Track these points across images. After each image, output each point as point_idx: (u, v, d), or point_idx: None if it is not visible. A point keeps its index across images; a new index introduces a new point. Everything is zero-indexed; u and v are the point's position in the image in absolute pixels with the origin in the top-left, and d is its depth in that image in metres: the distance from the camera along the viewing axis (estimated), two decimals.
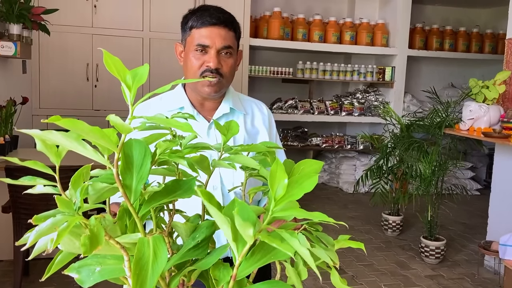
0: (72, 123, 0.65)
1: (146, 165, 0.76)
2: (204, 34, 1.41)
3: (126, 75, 0.75)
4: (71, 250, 0.73)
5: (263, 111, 1.58)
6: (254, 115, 1.56)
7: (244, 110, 1.54)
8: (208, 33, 1.41)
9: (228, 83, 1.48)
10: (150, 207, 0.78)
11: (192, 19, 1.44)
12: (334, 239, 0.95)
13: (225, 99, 1.51)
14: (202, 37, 1.41)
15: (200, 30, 1.41)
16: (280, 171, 0.76)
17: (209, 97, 1.47)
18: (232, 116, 1.50)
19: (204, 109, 1.50)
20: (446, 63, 6.94)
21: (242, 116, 1.52)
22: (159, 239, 0.70)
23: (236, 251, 0.72)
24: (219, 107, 1.49)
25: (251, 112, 1.56)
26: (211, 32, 1.41)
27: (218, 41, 1.40)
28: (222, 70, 1.42)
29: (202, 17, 1.42)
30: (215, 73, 1.40)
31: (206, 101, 1.50)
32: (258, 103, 1.61)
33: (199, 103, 1.49)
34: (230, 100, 1.51)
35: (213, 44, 1.40)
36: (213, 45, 1.40)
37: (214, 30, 1.41)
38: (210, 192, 0.74)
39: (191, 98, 1.49)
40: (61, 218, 0.67)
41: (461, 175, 6.16)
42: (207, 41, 1.40)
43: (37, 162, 0.75)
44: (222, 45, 1.41)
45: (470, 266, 3.86)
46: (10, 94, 3.83)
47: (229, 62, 1.44)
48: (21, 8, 3.64)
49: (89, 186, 0.77)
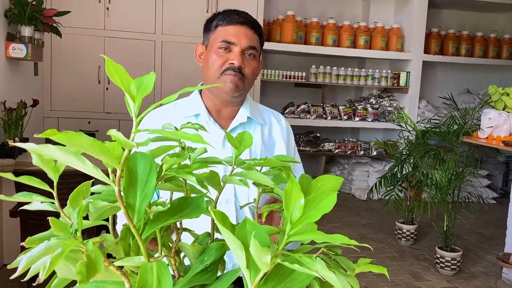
0: (69, 138, 0.59)
1: (151, 181, 0.70)
2: (231, 32, 1.36)
3: (130, 85, 0.69)
4: (67, 276, 0.67)
5: (281, 123, 1.52)
6: (272, 126, 1.49)
7: (262, 120, 1.47)
8: (235, 31, 1.36)
9: (249, 87, 1.40)
10: (154, 228, 0.71)
11: (218, 18, 1.40)
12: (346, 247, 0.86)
13: (243, 106, 1.43)
14: (228, 34, 1.36)
15: (226, 28, 1.37)
16: (296, 190, 0.69)
17: (229, 98, 1.38)
18: (249, 125, 1.43)
19: (221, 116, 1.42)
20: (462, 69, 6.82)
21: (259, 126, 1.45)
22: (163, 265, 0.64)
23: (249, 279, 0.65)
24: (237, 115, 1.42)
25: (269, 122, 1.49)
26: (238, 30, 1.36)
27: (244, 40, 1.35)
28: (245, 70, 1.35)
29: (230, 15, 1.39)
30: (237, 72, 1.34)
31: (224, 108, 1.42)
32: (276, 114, 1.54)
33: (216, 109, 1.41)
34: (248, 108, 1.43)
35: (239, 42, 1.35)
36: (239, 43, 1.35)
37: (241, 29, 1.37)
38: (224, 213, 0.68)
39: (208, 105, 1.41)
40: (55, 243, 0.61)
41: (477, 183, 6.03)
42: (233, 38, 1.35)
43: (32, 178, 0.69)
44: (247, 45, 1.36)
45: (487, 279, 3.74)
46: (21, 96, 3.80)
47: (252, 64, 1.38)
48: (33, 10, 3.62)
49: (90, 204, 0.71)
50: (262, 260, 0.63)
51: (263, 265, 0.63)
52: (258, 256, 0.63)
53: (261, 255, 0.63)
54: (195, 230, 0.87)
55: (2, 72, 3.62)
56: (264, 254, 0.62)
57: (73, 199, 0.70)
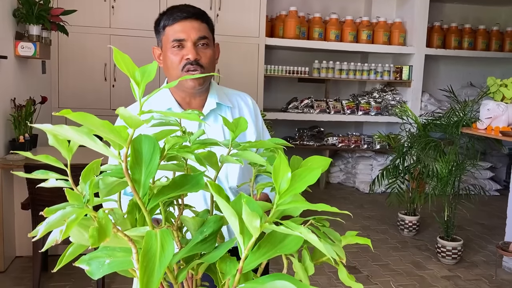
0: (82, 117, 0.66)
1: (155, 160, 0.77)
2: (178, 29, 1.43)
3: (135, 72, 0.77)
4: (81, 242, 0.75)
5: (248, 103, 1.60)
6: (241, 108, 1.57)
7: (231, 103, 1.55)
8: (182, 27, 1.43)
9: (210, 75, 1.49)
10: (158, 201, 0.79)
11: (164, 18, 1.47)
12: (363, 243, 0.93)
13: (210, 94, 1.51)
14: (176, 32, 1.43)
15: (173, 27, 1.43)
16: (283, 165, 0.77)
17: (195, 91, 1.47)
18: (219, 110, 1.51)
19: (192, 107, 1.50)
20: (465, 62, 6.85)
21: (229, 110, 1.54)
22: (166, 233, 0.71)
23: (242, 244, 0.73)
24: (206, 103, 1.50)
25: (237, 105, 1.57)
26: (184, 26, 1.43)
27: (192, 33, 1.42)
28: (202, 61, 1.43)
29: (173, 13, 1.44)
30: (195, 65, 1.41)
31: (192, 99, 1.51)
32: (242, 95, 1.62)
33: (186, 101, 1.50)
34: (215, 94, 1.52)
35: (188, 36, 1.42)
36: (189, 38, 1.42)
37: (187, 23, 1.43)
38: (219, 185, 0.76)
39: (177, 98, 1.50)
40: (70, 211, 0.69)
41: (480, 175, 6.07)
42: (182, 35, 1.42)
43: (48, 156, 0.76)
44: (197, 36, 1.43)
45: (488, 267, 3.80)
46: (30, 94, 3.90)
47: (208, 53, 1.45)
48: (40, 10, 3.71)
49: (100, 180, 0.79)
50: (253, 224, 0.70)
51: (254, 230, 0.71)
52: (249, 221, 0.70)
53: (252, 220, 0.70)
54: (195, 208, 0.96)
55: (12, 70, 3.72)
56: (254, 219, 0.70)
57: (85, 175, 0.77)
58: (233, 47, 5.44)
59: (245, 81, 5.53)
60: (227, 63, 5.43)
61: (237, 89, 1.69)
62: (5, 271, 3.37)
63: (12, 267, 3.45)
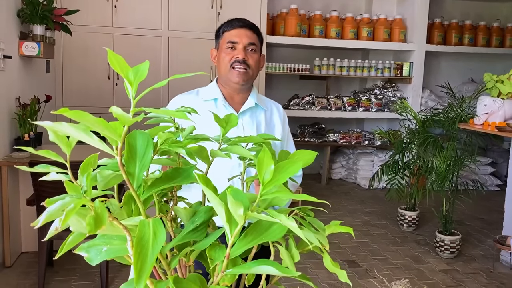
0: (78, 115, 0.72)
1: (148, 154, 0.83)
2: (234, 34, 1.74)
3: (128, 72, 0.82)
4: (79, 230, 0.80)
5: (279, 110, 1.89)
6: (273, 112, 1.85)
7: (265, 107, 1.83)
8: (237, 33, 1.74)
9: (254, 75, 1.75)
10: (151, 192, 0.84)
11: (224, 25, 1.79)
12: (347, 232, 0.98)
13: (251, 94, 1.79)
14: (231, 36, 1.73)
15: (230, 32, 1.75)
16: (267, 158, 0.82)
17: (239, 87, 1.74)
18: (256, 110, 1.79)
19: (234, 101, 1.78)
20: (466, 58, 6.87)
21: (263, 112, 1.81)
22: (158, 221, 0.77)
23: (229, 231, 0.79)
24: (247, 101, 1.77)
25: (270, 109, 1.85)
26: (239, 32, 1.74)
27: (244, 39, 1.72)
28: (249, 61, 1.72)
29: (232, 22, 1.77)
30: (242, 63, 1.70)
31: (236, 95, 1.78)
32: (276, 104, 1.91)
33: (230, 96, 1.78)
34: (255, 96, 1.80)
35: (241, 41, 1.72)
36: (241, 42, 1.72)
37: (241, 31, 1.74)
38: (207, 176, 0.81)
39: (224, 92, 1.78)
40: (69, 201, 0.75)
41: (480, 170, 6.10)
42: (236, 39, 1.72)
43: (49, 151, 0.82)
44: (248, 42, 1.73)
45: (486, 261, 3.85)
46: (34, 93, 3.97)
47: (255, 57, 1.74)
48: (44, 10, 3.77)
49: (97, 173, 0.84)
50: (237, 213, 0.76)
51: (239, 218, 0.77)
52: (233, 210, 0.76)
53: (236, 208, 0.76)
54: (188, 200, 1.01)
55: (17, 70, 3.79)
56: (238, 207, 0.76)
57: (83, 168, 0.83)
58: None
59: None
60: None
61: None
62: (12, 266, 3.45)
63: (18, 262, 3.53)
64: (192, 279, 0.86)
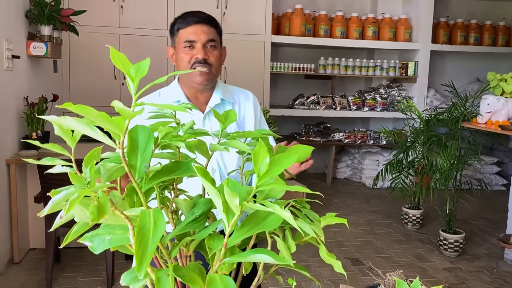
0: (82, 109, 0.76)
1: (149, 147, 0.86)
2: (190, 32, 1.61)
3: (130, 68, 0.86)
4: (83, 219, 0.84)
5: (249, 98, 1.76)
6: (241, 103, 1.73)
7: (233, 99, 1.72)
8: (193, 30, 1.61)
9: (217, 73, 1.66)
10: (152, 183, 0.88)
11: (178, 22, 1.65)
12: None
13: (215, 90, 1.68)
14: (188, 34, 1.61)
15: (185, 29, 1.62)
16: (262, 151, 0.86)
17: (202, 87, 1.64)
18: (222, 106, 1.68)
19: (198, 101, 1.67)
20: (471, 58, 6.86)
21: (231, 105, 1.70)
22: (158, 211, 0.80)
23: (226, 221, 0.82)
24: (211, 98, 1.67)
25: (238, 100, 1.73)
26: (196, 29, 1.61)
27: (202, 36, 1.60)
28: (210, 60, 1.61)
29: (186, 18, 1.63)
30: (203, 63, 1.59)
31: (199, 94, 1.67)
32: (244, 92, 1.78)
33: (193, 96, 1.67)
34: (220, 91, 1.69)
35: (199, 39, 1.60)
36: (199, 40, 1.60)
37: (198, 27, 1.61)
38: (206, 169, 0.85)
39: (186, 92, 1.66)
40: (73, 190, 0.79)
41: (486, 170, 6.10)
42: (193, 37, 1.60)
43: (55, 144, 0.86)
44: (206, 39, 1.61)
45: (489, 260, 3.86)
46: (42, 92, 4.03)
47: (215, 53, 1.63)
48: (51, 10, 3.83)
49: (101, 166, 0.88)
50: (233, 203, 0.79)
51: (235, 208, 0.80)
52: (230, 200, 0.80)
53: (232, 199, 0.79)
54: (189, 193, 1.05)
55: (25, 70, 3.85)
56: (234, 198, 0.79)
57: (87, 160, 0.86)
58: (240, 45, 5.53)
59: (251, 78, 5.62)
60: (234, 61, 5.52)
61: (243, 86, 1.85)
62: (20, 262, 3.51)
63: (26, 259, 3.58)
64: (192, 267, 0.89)
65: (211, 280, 0.82)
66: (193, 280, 0.85)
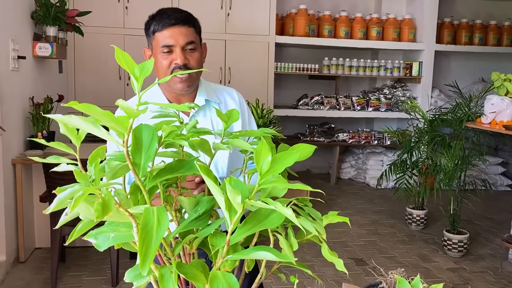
0: (87, 107, 0.77)
1: (153, 146, 0.88)
2: (167, 35, 1.50)
3: (134, 68, 0.87)
4: (88, 217, 0.85)
5: (234, 98, 1.68)
6: (227, 103, 1.66)
7: (218, 99, 1.64)
8: (170, 34, 1.50)
9: (198, 76, 1.58)
10: (156, 181, 0.89)
11: (153, 23, 1.55)
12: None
13: (199, 92, 1.61)
14: (165, 38, 1.50)
15: (162, 33, 1.51)
16: (265, 149, 0.87)
17: (184, 92, 1.56)
18: (208, 107, 1.60)
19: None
20: (476, 58, 6.85)
21: (216, 106, 1.62)
22: (162, 209, 0.81)
23: (228, 219, 0.83)
24: (195, 101, 1.60)
25: (223, 100, 1.66)
26: (173, 32, 1.51)
27: (180, 39, 1.50)
28: (190, 64, 1.52)
29: (162, 20, 1.53)
30: (183, 69, 1.50)
31: (182, 97, 1.59)
32: (229, 91, 1.70)
33: (176, 99, 1.59)
34: (204, 91, 1.61)
35: (177, 42, 1.50)
36: (177, 43, 1.50)
37: (175, 29, 1.51)
38: (209, 168, 0.86)
39: (168, 96, 1.59)
40: (78, 188, 0.80)
41: (491, 170, 6.08)
42: (171, 41, 1.50)
43: (60, 143, 0.87)
44: (185, 42, 1.51)
45: (494, 260, 3.85)
46: (47, 92, 4.06)
47: (195, 56, 1.54)
48: (57, 11, 3.86)
49: (105, 164, 0.89)
50: (235, 201, 0.80)
51: (237, 206, 0.81)
52: (232, 198, 0.81)
53: (234, 196, 0.80)
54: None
55: (30, 70, 3.88)
56: (236, 195, 0.80)
57: (91, 158, 0.88)
58: (244, 45, 5.54)
59: (255, 79, 5.63)
60: (238, 61, 5.54)
61: (248, 86, 1.78)
62: (26, 261, 3.53)
63: (32, 258, 3.61)
64: (195, 264, 0.91)
65: (213, 277, 0.83)
66: (196, 277, 0.86)
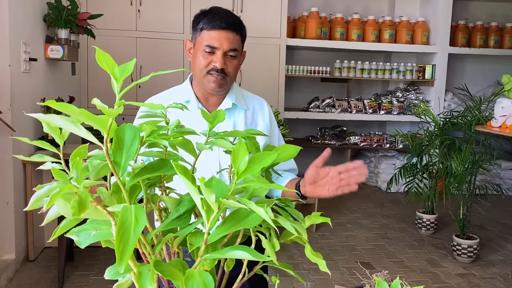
0: (62, 106, 0.79)
1: (135, 145, 0.88)
2: (213, 36, 1.51)
3: (114, 69, 0.89)
4: (66, 214, 0.87)
5: (263, 107, 1.69)
6: (255, 111, 1.67)
7: (246, 105, 1.65)
8: (217, 36, 1.51)
9: (231, 81, 1.59)
10: (136, 180, 0.90)
11: (203, 21, 1.54)
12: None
13: (228, 94, 1.62)
14: (211, 39, 1.51)
15: (210, 32, 1.52)
16: (242, 150, 0.87)
17: (214, 93, 1.58)
18: (234, 111, 1.62)
19: (208, 103, 1.62)
20: (491, 61, 6.75)
21: (243, 111, 1.64)
22: (140, 208, 0.82)
23: (205, 218, 0.84)
24: (223, 102, 1.61)
25: (252, 107, 1.67)
26: (220, 35, 1.51)
27: (225, 44, 1.51)
28: (227, 70, 1.54)
29: (213, 20, 1.52)
30: (220, 72, 1.52)
31: (211, 96, 1.61)
32: (259, 100, 1.71)
33: (204, 97, 1.61)
34: (233, 95, 1.62)
35: (221, 46, 1.51)
36: (221, 47, 1.51)
37: (223, 33, 1.51)
38: (185, 166, 0.86)
39: (197, 93, 1.61)
40: (55, 185, 0.81)
41: (506, 175, 5.98)
42: (216, 43, 1.51)
43: (43, 142, 0.89)
44: (229, 48, 1.52)
45: (505, 266, 3.78)
46: (59, 94, 4.13)
47: (234, 63, 1.55)
48: (68, 14, 3.92)
49: (88, 163, 0.91)
50: (210, 199, 0.81)
51: (212, 204, 0.81)
52: (207, 196, 0.81)
53: (208, 195, 0.81)
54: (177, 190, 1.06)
55: (42, 72, 3.95)
56: (210, 194, 0.80)
57: (73, 157, 0.89)
58: (255, 48, 5.56)
59: (266, 81, 5.64)
60: (249, 64, 5.54)
61: (258, 88, 1.79)
62: (35, 260, 3.59)
63: (41, 257, 3.66)
64: (174, 263, 0.91)
65: (189, 275, 0.84)
66: (174, 275, 0.86)
